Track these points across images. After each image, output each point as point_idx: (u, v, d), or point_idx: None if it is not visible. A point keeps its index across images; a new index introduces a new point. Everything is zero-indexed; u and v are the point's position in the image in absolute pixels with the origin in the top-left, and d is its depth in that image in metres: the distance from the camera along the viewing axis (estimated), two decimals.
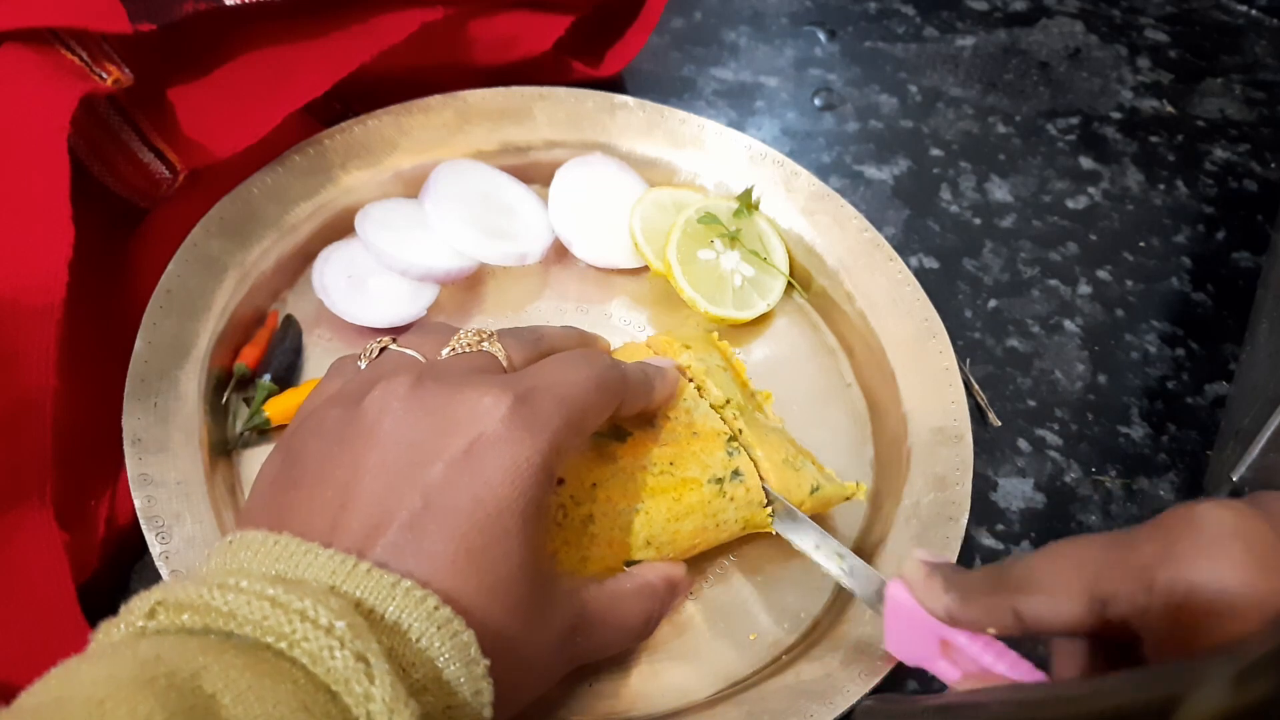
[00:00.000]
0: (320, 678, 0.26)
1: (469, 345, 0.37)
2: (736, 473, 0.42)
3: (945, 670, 0.35)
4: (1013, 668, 0.33)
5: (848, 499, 0.45)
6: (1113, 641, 0.31)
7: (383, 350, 0.38)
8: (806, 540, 0.41)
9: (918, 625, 0.35)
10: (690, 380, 0.45)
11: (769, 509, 0.42)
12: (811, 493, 0.43)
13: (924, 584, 0.34)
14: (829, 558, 0.41)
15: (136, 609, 0.28)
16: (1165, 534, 0.29)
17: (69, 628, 0.37)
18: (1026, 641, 0.34)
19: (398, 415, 0.33)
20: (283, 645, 0.27)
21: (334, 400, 0.35)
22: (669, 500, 0.40)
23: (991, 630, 0.33)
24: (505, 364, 0.37)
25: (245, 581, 0.28)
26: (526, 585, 0.32)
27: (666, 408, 0.43)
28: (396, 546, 0.31)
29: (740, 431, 0.43)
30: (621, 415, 0.39)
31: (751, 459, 0.42)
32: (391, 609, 0.29)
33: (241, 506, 0.42)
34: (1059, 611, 0.30)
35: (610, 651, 0.39)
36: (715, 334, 0.48)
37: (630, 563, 0.40)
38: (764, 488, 0.42)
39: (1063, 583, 0.30)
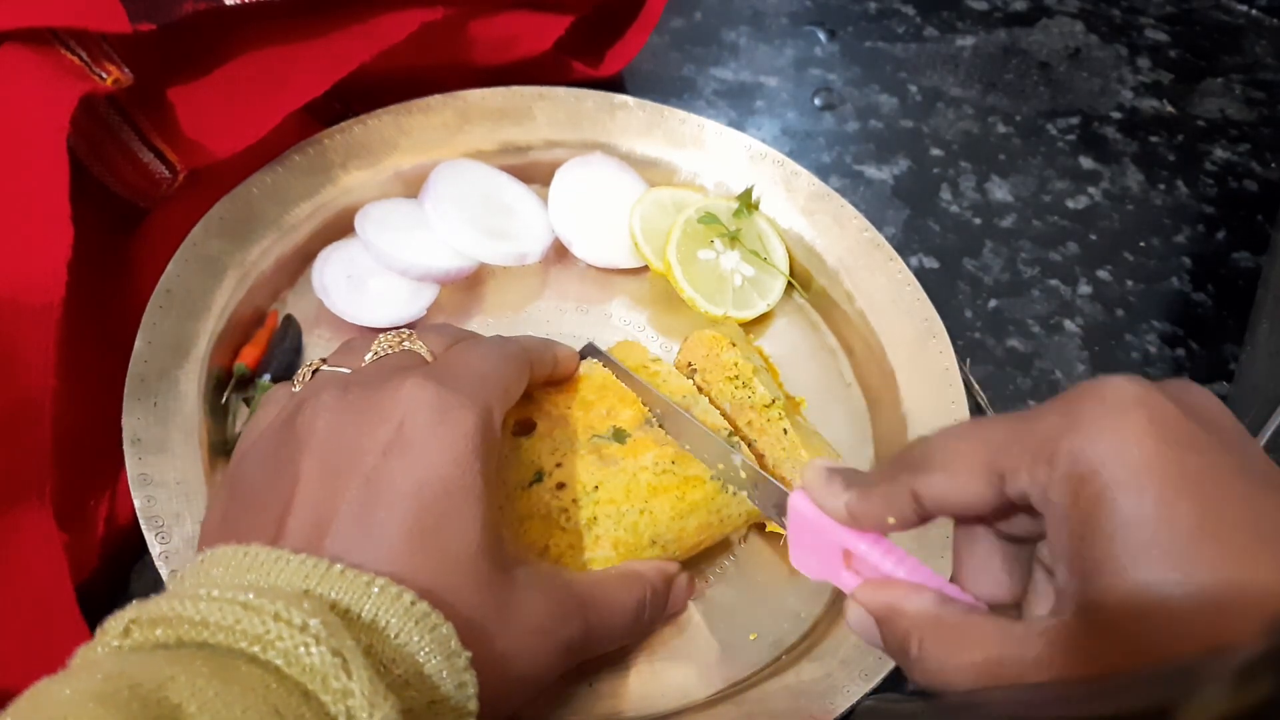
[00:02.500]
0: (295, 679, 0.26)
1: (391, 347, 0.38)
2: None
3: (848, 580, 0.33)
4: (912, 572, 0.31)
5: None
6: (1015, 538, 0.31)
7: (315, 372, 0.38)
8: (709, 453, 0.41)
9: (820, 536, 0.33)
10: (737, 376, 0.45)
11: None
12: None
13: (823, 486, 0.33)
14: (730, 471, 0.40)
15: (111, 629, 0.28)
16: (1068, 405, 0.28)
17: (68, 628, 0.37)
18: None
19: (328, 423, 0.33)
20: (256, 649, 0.26)
21: (269, 428, 0.36)
22: (673, 499, 0.40)
23: (892, 519, 0.31)
24: (429, 358, 0.38)
25: (217, 591, 0.28)
26: (488, 564, 0.32)
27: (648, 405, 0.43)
28: (345, 540, 0.31)
29: (786, 431, 0.43)
30: (534, 382, 0.40)
31: (754, 451, 0.43)
32: (368, 607, 0.29)
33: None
34: (958, 489, 0.29)
35: (608, 644, 0.38)
36: (749, 336, 0.49)
37: None
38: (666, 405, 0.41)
39: (962, 458, 0.29)
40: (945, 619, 0.30)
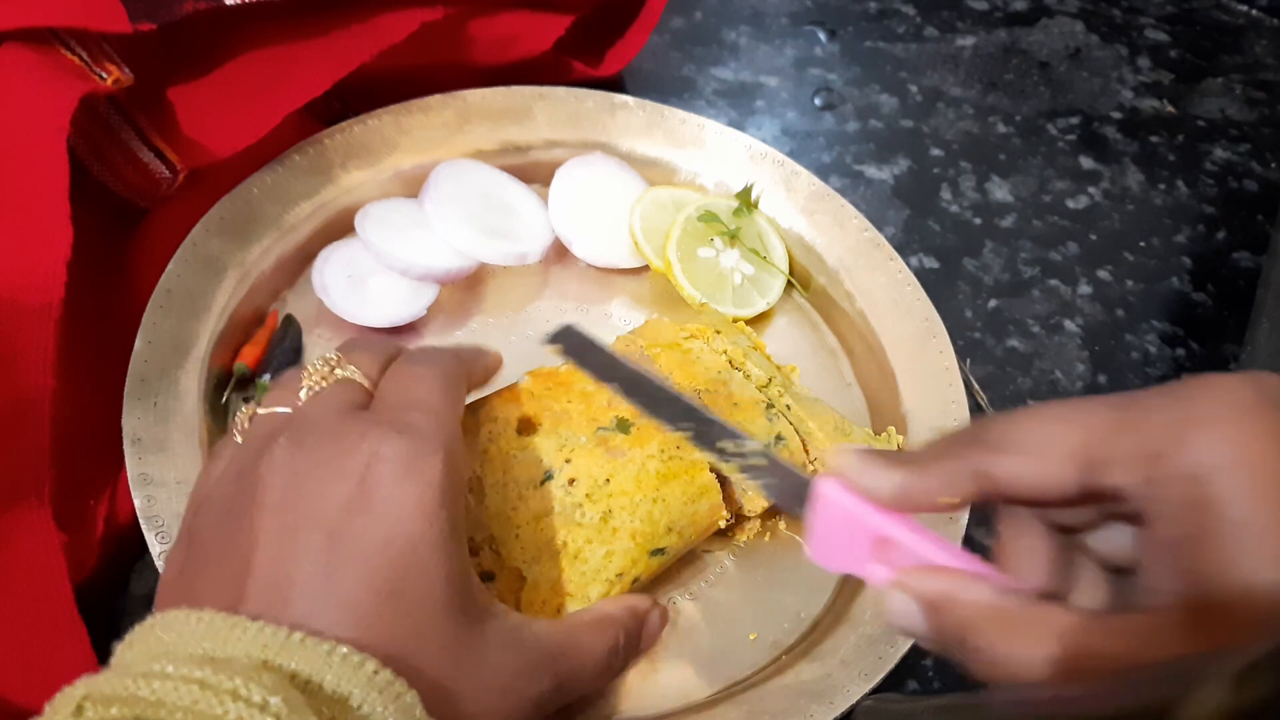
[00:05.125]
0: None
1: (323, 378, 0.36)
2: (779, 438, 0.43)
3: (877, 572, 0.31)
4: (959, 561, 0.30)
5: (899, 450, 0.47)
6: (1066, 527, 0.30)
7: (253, 418, 0.36)
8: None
9: (849, 524, 0.31)
10: (730, 363, 0.46)
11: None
12: None
13: (863, 468, 0.30)
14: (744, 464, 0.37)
15: (62, 707, 0.26)
16: (1181, 401, 0.26)
17: (65, 629, 0.37)
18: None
19: (285, 478, 0.32)
20: None
21: (221, 479, 0.34)
22: (683, 483, 0.41)
23: (953, 499, 0.29)
24: (366, 382, 0.36)
25: (171, 666, 0.26)
26: (456, 622, 0.31)
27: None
28: (308, 603, 0.30)
29: (789, 407, 0.44)
30: (470, 389, 0.39)
31: (791, 424, 0.44)
32: (329, 678, 0.28)
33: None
34: (1041, 474, 0.28)
35: (581, 692, 0.37)
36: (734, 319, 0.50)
37: (656, 551, 0.40)
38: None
39: (1051, 441, 0.28)
40: (1009, 609, 0.28)
